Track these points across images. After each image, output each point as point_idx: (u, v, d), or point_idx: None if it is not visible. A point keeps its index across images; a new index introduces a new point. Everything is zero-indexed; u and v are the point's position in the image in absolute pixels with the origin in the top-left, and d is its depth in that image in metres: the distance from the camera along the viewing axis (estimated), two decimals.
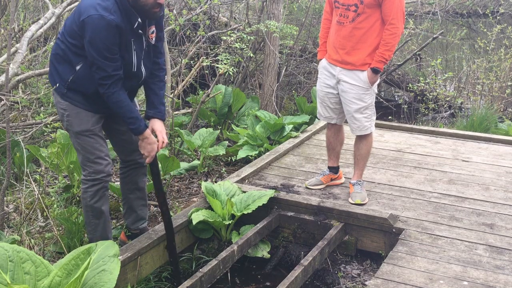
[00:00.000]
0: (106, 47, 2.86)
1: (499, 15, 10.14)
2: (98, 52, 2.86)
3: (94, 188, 3.19)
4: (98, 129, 3.17)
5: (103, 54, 2.87)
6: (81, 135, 3.12)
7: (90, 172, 3.17)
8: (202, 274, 3.13)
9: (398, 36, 3.72)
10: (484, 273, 3.10)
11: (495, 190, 4.28)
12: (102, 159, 3.17)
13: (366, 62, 3.80)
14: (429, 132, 5.79)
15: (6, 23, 6.24)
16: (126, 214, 3.61)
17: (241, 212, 3.73)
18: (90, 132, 3.12)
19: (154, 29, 3.13)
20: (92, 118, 3.13)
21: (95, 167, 3.16)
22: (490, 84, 7.76)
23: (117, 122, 3.30)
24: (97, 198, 3.21)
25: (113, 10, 2.85)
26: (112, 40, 2.87)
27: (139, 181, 3.53)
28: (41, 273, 2.55)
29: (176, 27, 5.28)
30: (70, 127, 3.14)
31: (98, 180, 3.18)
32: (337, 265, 3.68)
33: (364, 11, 3.69)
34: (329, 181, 4.30)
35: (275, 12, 6.46)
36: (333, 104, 4.06)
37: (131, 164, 3.45)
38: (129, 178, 3.49)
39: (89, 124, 3.12)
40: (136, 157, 3.42)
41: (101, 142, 3.18)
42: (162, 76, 3.31)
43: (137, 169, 3.48)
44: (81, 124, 3.11)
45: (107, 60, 2.89)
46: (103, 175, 3.18)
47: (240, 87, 7.18)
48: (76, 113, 3.10)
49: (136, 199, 3.56)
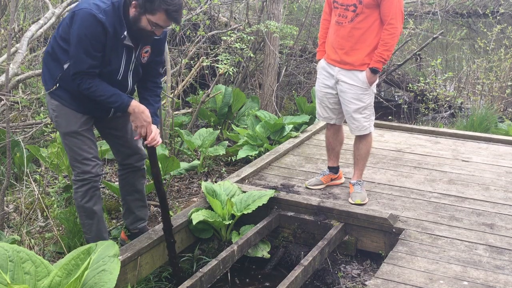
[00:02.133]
0: (89, 42, 2.85)
1: (499, 15, 10.14)
2: (80, 44, 2.86)
3: (84, 188, 3.19)
4: (86, 131, 3.16)
5: (85, 48, 2.86)
6: (69, 136, 3.13)
7: (79, 173, 3.18)
8: (202, 274, 3.13)
9: (397, 36, 3.72)
10: (484, 273, 3.10)
11: (495, 190, 4.28)
12: (90, 160, 3.17)
13: (365, 62, 3.80)
14: (429, 132, 5.79)
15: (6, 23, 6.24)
16: (125, 215, 3.63)
17: (241, 212, 3.73)
18: (77, 134, 3.12)
19: (148, 49, 3.13)
20: (80, 120, 3.12)
21: (82, 167, 3.16)
22: (490, 84, 7.76)
23: (111, 127, 3.32)
24: (88, 198, 3.21)
25: (106, 12, 2.86)
26: (96, 37, 2.86)
27: (137, 184, 3.53)
28: (41, 273, 2.55)
29: (176, 27, 5.28)
30: (58, 128, 3.16)
31: (87, 180, 3.18)
32: (337, 265, 3.68)
33: (363, 11, 3.69)
34: (329, 181, 4.30)
35: (275, 12, 6.46)
36: (332, 105, 4.06)
37: (129, 168, 3.47)
38: (126, 180, 3.51)
39: (77, 125, 3.12)
40: (132, 162, 3.44)
41: (89, 143, 3.17)
42: (158, 92, 3.34)
43: (135, 172, 3.49)
44: (68, 125, 3.11)
45: (86, 55, 2.88)
46: (91, 175, 3.18)
47: (240, 87, 7.18)
48: (64, 114, 3.11)
49: (134, 201, 3.57)
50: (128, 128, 3.35)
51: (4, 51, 5.70)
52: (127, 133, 3.36)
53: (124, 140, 3.36)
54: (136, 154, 3.43)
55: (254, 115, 5.86)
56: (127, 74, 3.10)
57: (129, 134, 3.36)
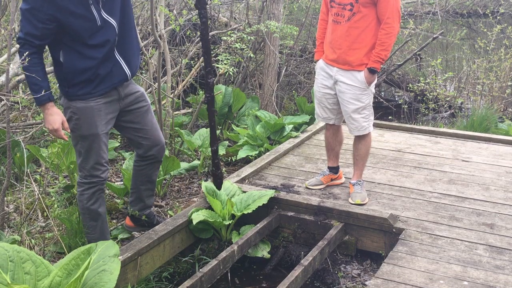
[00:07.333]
0: (30, 12, 2.81)
1: (499, 15, 10.15)
2: (23, 13, 2.84)
3: (90, 191, 3.20)
4: (105, 135, 3.17)
5: (26, 16, 2.83)
6: (87, 139, 3.11)
7: (87, 176, 3.18)
8: (202, 274, 3.14)
9: (394, 35, 3.72)
10: (484, 273, 3.10)
11: (495, 190, 4.28)
12: (101, 165, 3.18)
13: (363, 62, 3.80)
14: (429, 132, 5.79)
15: (6, 23, 6.24)
16: (134, 202, 3.65)
17: (241, 212, 3.73)
18: (96, 137, 3.11)
19: None
20: (102, 122, 3.11)
21: (92, 171, 3.17)
22: (490, 84, 7.76)
23: (128, 121, 3.30)
24: (94, 200, 3.22)
25: None
26: (37, 8, 2.81)
27: (153, 175, 3.56)
28: (42, 273, 2.55)
29: (176, 27, 5.28)
30: (77, 130, 3.11)
31: (94, 184, 3.19)
32: (337, 265, 3.68)
33: (360, 10, 3.70)
34: (329, 181, 4.30)
35: (275, 12, 6.46)
36: (330, 105, 4.06)
37: (150, 159, 3.46)
38: (144, 171, 3.51)
39: (99, 128, 3.11)
40: (155, 153, 3.43)
41: (104, 148, 3.19)
42: None
43: (154, 164, 3.50)
44: (90, 127, 3.09)
45: (27, 21, 2.84)
46: (100, 179, 3.20)
47: (240, 87, 7.18)
48: (86, 117, 3.08)
49: (146, 190, 3.61)
50: (147, 120, 3.35)
51: (4, 51, 5.70)
52: (147, 124, 3.35)
53: (144, 132, 3.34)
54: (157, 145, 3.42)
55: (254, 115, 5.86)
56: (100, 13, 2.98)
57: (148, 126, 3.35)
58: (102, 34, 3.00)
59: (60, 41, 2.96)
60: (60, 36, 2.94)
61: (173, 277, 3.62)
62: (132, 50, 3.22)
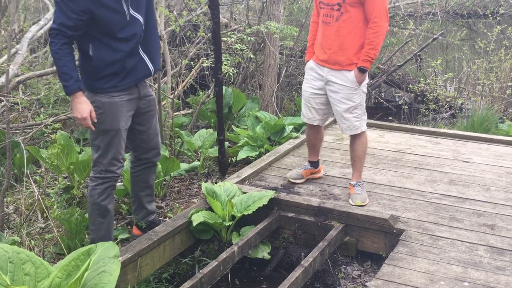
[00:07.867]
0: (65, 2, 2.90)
1: (499, 15, 10.15)
2: (58, 4, 2.91)
3: (103, 186, 3.25)
4: (125, 131, 3.25)
5: (61, 6, 2.91)
6: (108, 134, 3.18)
7: (102, 170, 3.24)
8: (202, 275, 3.13)
9: (382, 34, 3.75)
10: (485, 274, 3.09)
11: (495, 190, 4.27)
12: (118, 161, 3.26)
13: (353, 61, 3.84)
14: (429, 132, 5.78)
15: (6, 24, 6.24)
16: (137, 210, 3.71)
17: (241, 213, 3.72)
18: (117, 132, 3.19)
19: None
20: (123, 118, 3.20)
21: (108, 167, 3.24)
22: (491, 85, 7.76)
23: (136, 122, 3.37)
24: (105, 196, 3.27)
25: None
26: None
27: (150, 179, 3.63)
28: (41, 274, 2.55)
29: (176, 28, 5.28)
30: (100, 124, 3.16)
31: (108, 179, 3.26)
32: (337, 266, 3.68)
33: (347, 10, 3.74)
34: (309, 175, 4.40)
35: (275, 13, 6.46)
36: (318, 105, 4.09)
37: (145, 163, 3.54)
38: (141, 176, 3.59)
39: (121, 123, 3.19)
40: (150, 156, 3.53)
41: (123, 144, 3.27)
42: None
43: (149, 168, 3.58)
44: (112, 122, 3.16)
45: (61, 12, 2.91)
46: (114, 175, 3.27)
47: (240, 88, 7.18)
48: (110, 111, 3.16)
49: (146, 196, 3.67)
50: (152, 124, 3.45)
51: (4, 52, 5.70)
52: (151, 128, 3.45)
53: (147, 135, 3.44)
54: (154, 149, 3.53)
55: (255, 116, 5.86)
56: (128, 9, 3.08)
57: (152, 130, 3.46)
58: (130, 28, 3.11)
59: (90, 34, 3.05)
60: (90, 29, 3.03)
61: (173, 278, 3.61)
62: (155, 47, 3.34)
